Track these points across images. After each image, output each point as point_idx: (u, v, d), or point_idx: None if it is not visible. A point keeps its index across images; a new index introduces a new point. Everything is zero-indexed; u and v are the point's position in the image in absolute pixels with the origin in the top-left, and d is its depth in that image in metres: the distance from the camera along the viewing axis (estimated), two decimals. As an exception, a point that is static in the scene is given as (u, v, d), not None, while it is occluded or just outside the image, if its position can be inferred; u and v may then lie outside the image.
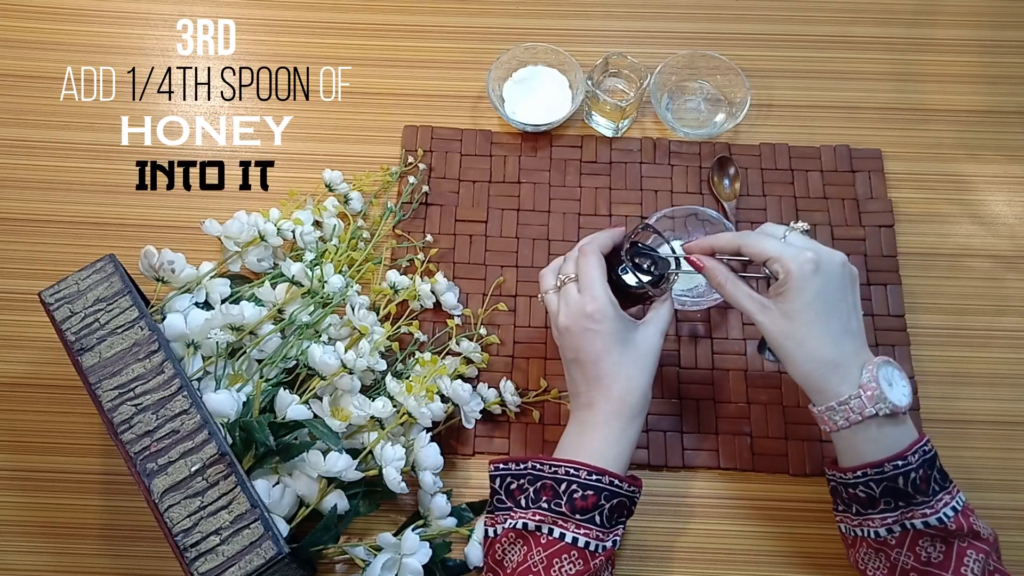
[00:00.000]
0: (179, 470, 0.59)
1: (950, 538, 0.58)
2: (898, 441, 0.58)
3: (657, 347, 0.64)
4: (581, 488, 0.59)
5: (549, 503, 0.60)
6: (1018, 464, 0.73)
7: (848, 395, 0.58)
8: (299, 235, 0.76)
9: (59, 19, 0.92)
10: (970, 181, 0.84)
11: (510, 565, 0.60)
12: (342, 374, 0.66)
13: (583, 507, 0.59)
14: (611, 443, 0.62)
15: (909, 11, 0.93)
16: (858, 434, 0.58)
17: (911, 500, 0.58)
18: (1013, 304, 0.79)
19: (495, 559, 0.61)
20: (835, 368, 0.59)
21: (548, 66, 0.87)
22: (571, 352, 0.64)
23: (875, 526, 0.59)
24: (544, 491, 0.60)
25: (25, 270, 0.80)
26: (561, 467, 0.61)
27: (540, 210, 0.83)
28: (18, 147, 0.86)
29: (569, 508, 0.59)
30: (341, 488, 0.65)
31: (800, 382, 0.61)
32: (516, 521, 0.60)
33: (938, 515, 0.57)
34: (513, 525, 0.60)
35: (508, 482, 0.63)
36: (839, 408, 0.58)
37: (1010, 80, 0.89)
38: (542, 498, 0.60)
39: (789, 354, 0.60)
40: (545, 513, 0.60)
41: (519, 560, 0.59)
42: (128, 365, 0.62)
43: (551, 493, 0.60)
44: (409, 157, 0.85)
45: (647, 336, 0.64)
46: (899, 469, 0.58)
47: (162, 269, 0.69)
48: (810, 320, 0.59)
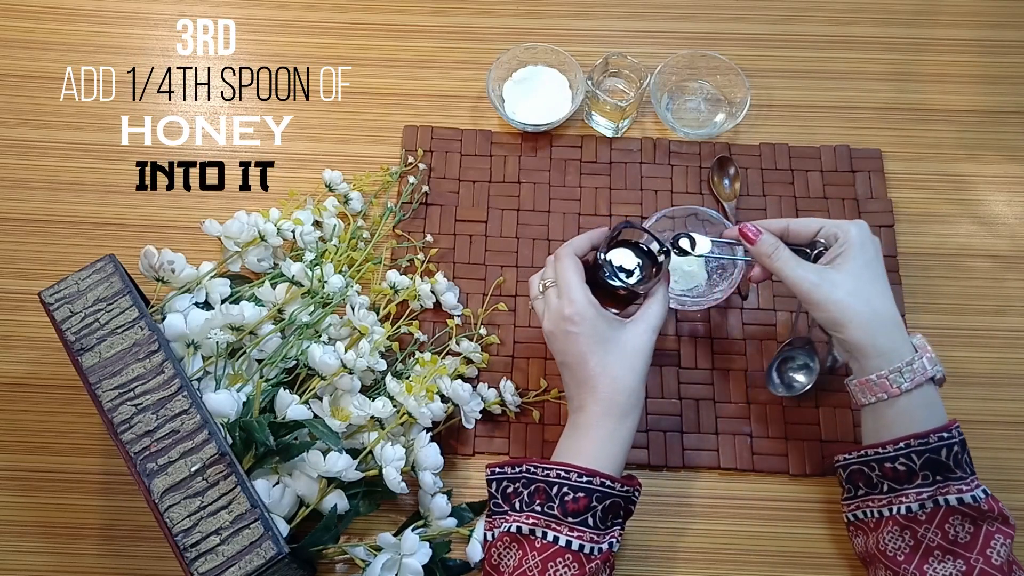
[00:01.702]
0: (179, 470, 0.59)
1: (980, 519, 0.58)
2: (940, 413, 0.60)
3: (646, 345, 0.63)
4: (572, 491, 0.59)
5: (542, 506, 0.60)
6: (1018, 464, 0.73)
7: (912, 356, 0.60)
8: (299, 235, 0.76)
9: (59, 19, 0.92)
10: (970, 181, 0.84)
11: (506, 570, 0.60)
12: (342, 374, 0.66)
13: (575, 510, 0.59)
14: (603, 444, 0.61)
15: (909, 11, 0.93)
16: (914, 399, 0.60)
17: (949, 475, 0.59)
18: (1013, 304, 0.79)
19: (491, 563, 0.61)
20: (898, 326, 0.61)
21: (548, 66, 0.87)
22: (559, 355, 0.64)
23: (908, 501, 0.60)
24: (537, 494, 0.61)
25: (25, 270, 0.80)
26: (553, 470, 0.61)
27: (540, 210, 0.83)
28: (18, 147, 0.86)
29: (561, 511, 0.59)
30: (341, 488, 0.65)
31: (866, 343, 0.60)
32: (511, 525, 0.60)
33: (973, 492, 0.58)
34: (508, 529, 0.60)
35: (504, 485, 0.63)
36: (905, 369, 0.59)
37: (1010, 80, 0.89)
38: (535, 501, 0.60)
39: (857, 313, 0.60)
40: (539, 516, 0.60)
41: (515, 564, 0.59)
42: (128, 365, 0.62)
43: (544, 496, 0.60)
44: (409, 157, 0.85)
45: (635, 335, 0.63)
46: (944, 441, 0.59)
47: (162, 269, 0.69)
48: (873, 277, 0.61)
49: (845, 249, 0.62)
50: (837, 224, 0.63)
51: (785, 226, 0.66)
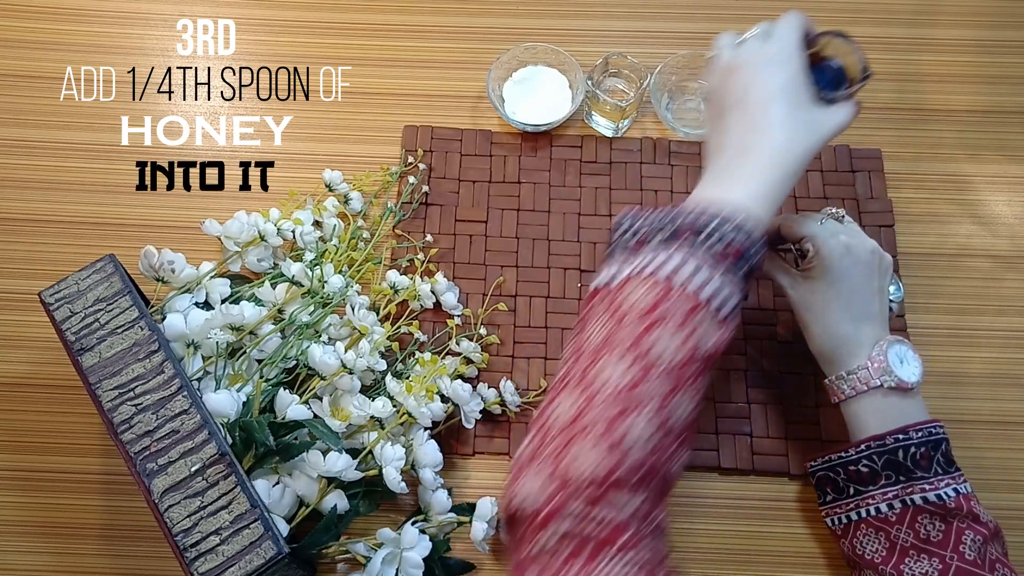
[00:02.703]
0: (179, 470, 0.59)
1: (949, 517, 0.59)
2: (905, 416, 0.61)
3: (832, 133, 0.57)
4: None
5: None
6: (1018, 464, 0.73)
7: (856, 366, 0.61)
8: (299, 235, 0.76)
9: (59, 19, 0.92)
10: (970, 181, 0.84)
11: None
12: (342, 374, 0.66)
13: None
14: (765, 186, 0.54)
15: (909, 11, 0.93)
16: (863, 404, 0.62)
17: (911, 475, 0.60)
18: (1013, 304, 0.79)
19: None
20: (847, 343, 0.62)
21: (548, 66, 0.87)
22: (736, 93, 0.57)
23: (876, 502, 0.61)
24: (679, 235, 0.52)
25: (25, 270, 0.80)
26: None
27: (540, 210, 0.83)
28: (18, 147, 0.86)
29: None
30: (341, 488, 0.65)
31: (814, 353, 0.65)
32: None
33: (938, 492, 0.59)
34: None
35: (629, 235, 0.54)
36: (847, 377, 0.62)
37: (1010, 80, 0.89)
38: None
39: (807, 325, 0.64)
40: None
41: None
42: (128, 365, 0.62)
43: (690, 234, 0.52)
44: (409, 157, 0.85)
45: (830, 115, 0.57)
46: (900, 442, 0.60)
47: (162, 269, 0.69)
48: (832, 297, 0.63)
49: (816, 264, 0.64)
50: (815, 238, 0.63)
51: (776, 227, 0.68)
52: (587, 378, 0.48)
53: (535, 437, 0.48)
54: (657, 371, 0.47)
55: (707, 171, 0.58)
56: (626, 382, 0.47)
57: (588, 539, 0.44)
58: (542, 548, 0.45)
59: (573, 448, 0.46)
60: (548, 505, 0.45)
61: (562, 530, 0.44)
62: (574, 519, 0.45)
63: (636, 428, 0.46)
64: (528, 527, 0.46)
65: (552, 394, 0.50)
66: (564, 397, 0.49)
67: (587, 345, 0.50)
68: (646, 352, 0.48)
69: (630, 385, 0.47)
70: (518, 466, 0.48)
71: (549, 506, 0.45)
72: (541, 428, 0.49)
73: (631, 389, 0.47)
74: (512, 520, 0.47)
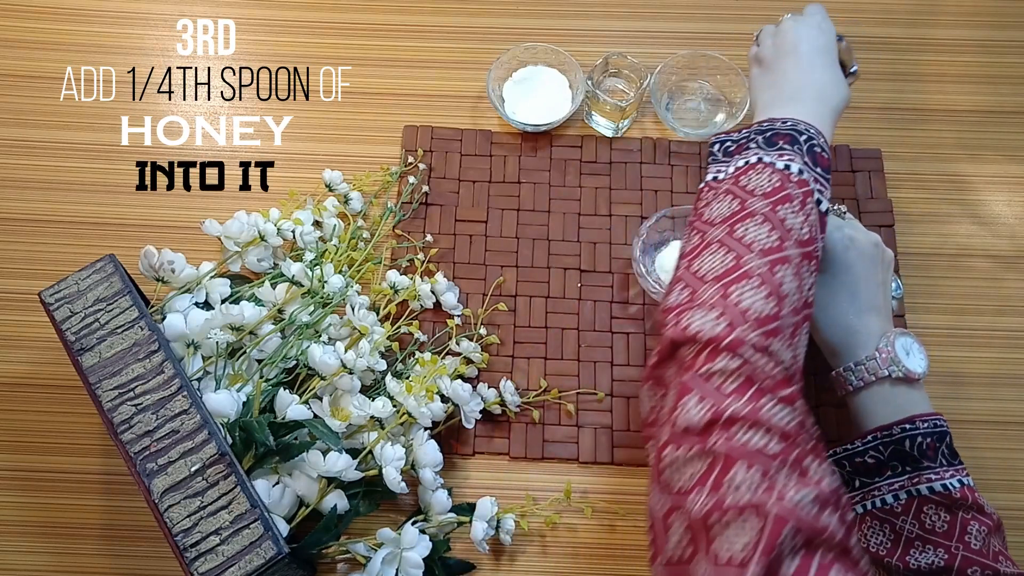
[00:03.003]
0: (179, 470, 0.59)
1: (954, 508, 0.59)
2: (911, 407, 0.62)
3: (846, 100, 0.68)
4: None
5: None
6: (1018, 464, 0.73)
7: (864, 356, 0.62)
8: (299, 235, 0.76)
9: (59, 19, 0.92)
10: (970, 181, 0.84)
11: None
12: (342, 374, 0.66)
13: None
14: (822, 111, 0.64)
15: (909, 11, 0.93)
16: (871, 394, 0.62)
17: (917, 465, 0.60)
18: (1013, 304, 0.79)
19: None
20: (854, 334, 0.63)
21: (548, 66, 0.87)
22: (787, 47, 0.69)
23: (882, 493, 0.61)
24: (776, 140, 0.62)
25: (25, 270, 0.80)
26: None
27: (540, 210, 0.83)
28: (18, 147, 0.86)
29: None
30: (341, 488, 0.65)
31: (820, 345, 0.66)
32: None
33: (944, 482, 0.59)
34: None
35: (727, 146, 0.64)
36: (855, 368, 0.63)
37: (1010, 80, 0.89)
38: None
39: (813, 319, 0.64)
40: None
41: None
42: (128, 365, 0.62)
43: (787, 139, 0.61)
44: (409, 157, 0.85)
45: (846, 85, 0.69)
46: (907, 432, 0.60)
47: (162, 269, 0.69)
48: (837, 289, 0.64)
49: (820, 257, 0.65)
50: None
51: None
52: (733, 237, 0.53)
53: (685, 288, 0.52)
54: (792, 239, 0.53)
55: (770, 99, 0.68)
56: (773, 241, 0.53)
57: (760, 378, 0.47)
58: (718, 371, 0.48)
59: (735, 292, 0.50)
60: (730, 335, 0.48)
61: (739, 361, 0.48)
62: (750, 355, 0.48)
63: (787, 282, 0.51)
64: (703, 351, 0.49)
65: (690, 255, 0.55)
66: (710, 253, 0.53)
67: (716, 216, 0.56)
68: (781, 221, 0.54)
69: (776, 246, 0.52)
70: (677, 308, 0.51)
71: (731, 336, 0.48)
72: (692, 279, 0.53)
73: (779, 249, 0.52)
74: (680, 345, 0.50)
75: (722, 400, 0.46)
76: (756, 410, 0.45)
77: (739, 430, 0.45)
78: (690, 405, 0.47)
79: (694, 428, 0.46)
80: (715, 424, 0.45)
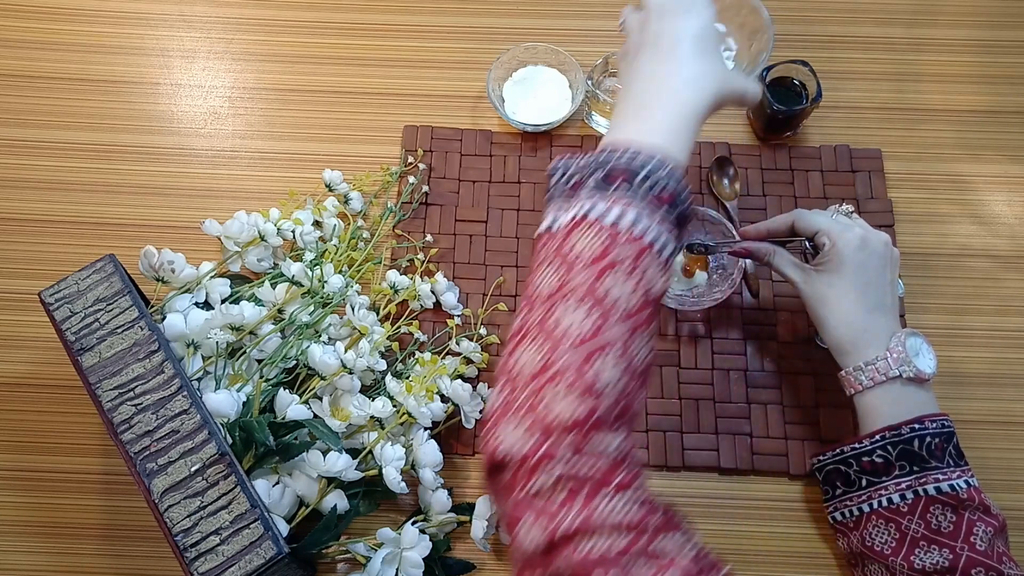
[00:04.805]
0: (179, 470, 0.59)
1: (961, 508, 0.59)
2: (920, 407, 0.62)
3: (735, 92, 0.58)
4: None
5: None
6: (1018, 464, 0.73)
7: (875, 356, 0.62)
8: (299, 235, 0.76)
9: (59, 19, 0.92)
10: (970, 181, 0.84)
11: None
12: (342, 374, 0.66)
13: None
14: (677, 122, 0.54)
15: (909, 11, 0.93)
16: (881, 394, 0.62)
17: (925, 465, 0.60)
18: (1013, 304, 0.79)
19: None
20: (864, 333, 0.64)
21: (548, 66, 0.87)
22: (649, 37, 0.57)
23: (889, 492, 0.62)
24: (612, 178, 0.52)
25: (25, 270, 0.81)
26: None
27: (540, 210, 0.83)
28: (18, 147, 0.86)
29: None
30: (341, 488, 0.65)
31: (831, 345, 0.65)
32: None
33: (951, 482, 0.60)
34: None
35: (569, 175, 0.54)
36: (865, 368, 0.63)
37: (1010, 80, 0.89)
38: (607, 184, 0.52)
39: (824, 318, 0.65)
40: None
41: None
42: (128, 365, 0.62)
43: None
44: (409, 157, 0.85)
45: (737, 75, 0.59)
46: (915, 432, 0.61)
47: (162, 269, 0.69)
48: (847, 289, 0.64)
49: (830, 258, 0.65)
50: (830, 232, 0.66)
51: (791, 222, 0.69)
52: (547, 326, 0.48)
53: (504, 387, 0.48)
54: (616, 315, 0.48)
55: (620, 109, 0.57)
56: (589, 328, 0.47)
57: (584, 480, 0.44)
58: (538, 490, 0.45)
59: (547, 396, 0.46)
60: (539, 450, 0.45)
61: (556, 473, 0.44)
62: (566, 462, 0.45)
63: (606, 371, 0.47)
64: (518, 471, 0.45)
65: (512, 344, 0.49)
66: (526, 347, 0.48)
67: (539, 293, 0.50)
68: (603, 297, 0.48)
69: (593, 331, 0.47)
70: (493, 417, 0.48)
71: (540, 451, 0.45)
72: (508, 379, 0.49)
73: (595, 335, 0.47)
74: (497, 466, 0.47)
75: (553, 518, 0.44)
76: (590, 515, 0.43)
77: (580, 542, 0.43)
78: (524, 530, 0.44)
79: (536, 555, 0.44)
80: (555, 546, 0.43)
